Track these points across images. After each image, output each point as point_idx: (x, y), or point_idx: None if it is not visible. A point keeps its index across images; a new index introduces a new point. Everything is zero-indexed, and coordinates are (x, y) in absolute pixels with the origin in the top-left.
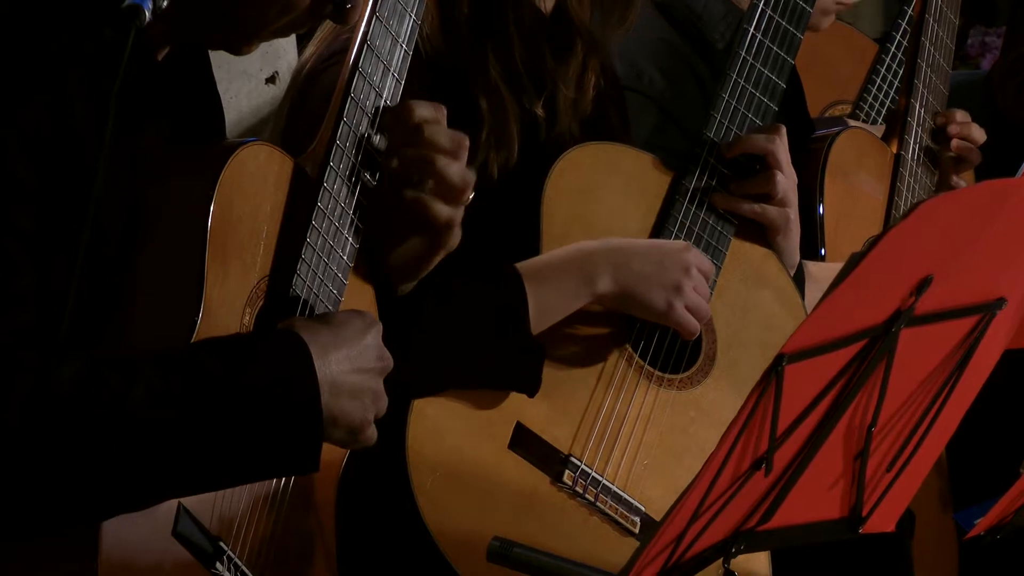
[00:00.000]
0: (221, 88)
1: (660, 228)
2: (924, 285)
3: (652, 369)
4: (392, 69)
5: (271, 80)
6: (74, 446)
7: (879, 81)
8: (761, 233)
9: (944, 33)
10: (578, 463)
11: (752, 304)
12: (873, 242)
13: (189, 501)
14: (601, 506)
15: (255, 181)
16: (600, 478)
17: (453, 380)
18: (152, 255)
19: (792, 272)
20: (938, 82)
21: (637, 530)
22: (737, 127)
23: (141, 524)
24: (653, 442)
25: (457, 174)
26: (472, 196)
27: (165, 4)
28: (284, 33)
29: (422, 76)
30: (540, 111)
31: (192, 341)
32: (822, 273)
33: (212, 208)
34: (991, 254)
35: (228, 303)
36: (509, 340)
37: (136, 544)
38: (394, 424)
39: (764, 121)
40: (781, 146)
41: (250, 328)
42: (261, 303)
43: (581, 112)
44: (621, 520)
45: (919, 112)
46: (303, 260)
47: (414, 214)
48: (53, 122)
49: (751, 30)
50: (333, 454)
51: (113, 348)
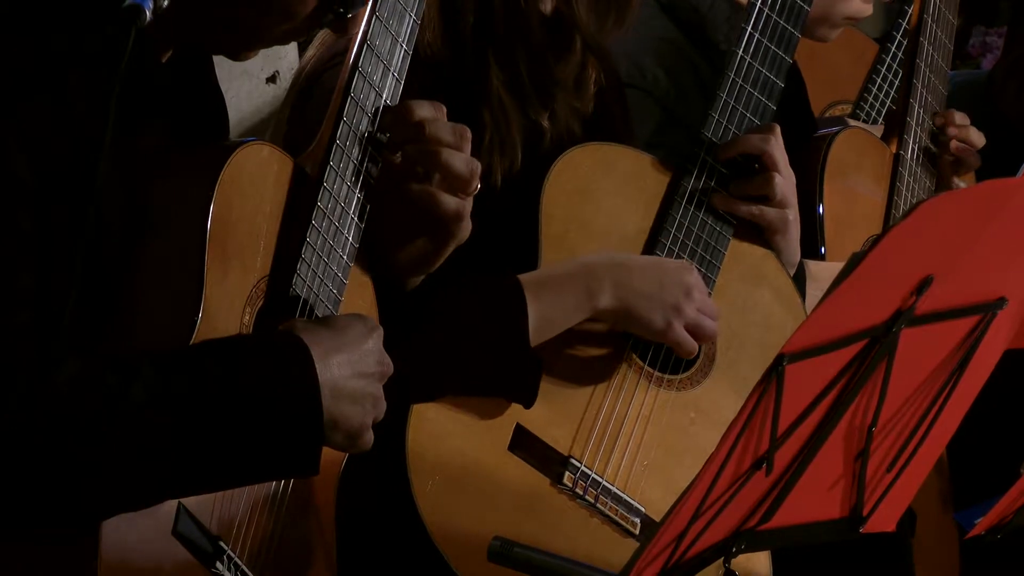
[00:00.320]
0: (222, 88)
1: (658, 229)
2: (925, 285)
3: (652, 370)
4: (392, 69)
5: (272, 80)
6: (71, 445)
7: (879, 81)
8: (760, 233)
9: (943, 33)
10: (578, 464)
11: (751, 304)
12: (873, 242)
13: (189, 501)
14: (601, 507)
15: (255, 181)
16: (600, 479)
17: (451, 388)
18: (152, 254)
19: (792, 271)
20: (937, 82)
21: (637, 531)
22: (736, 127)
23: (141, 524)
24: (653, 443)
25: (462, 163)
26: (479, 187)
27: (166, 3)
28: (283, 40)
29: (424, 82)
30: (545, 122)
31: (191, 340)
32: (823, 272)
33: (212, 208)
34: (992, 254)
35: (228, 303)
36: (508, 351)
37: (136, 543)
38: (394, 426)
39: (763, 121)
40: (777, 146)
41: (250, 328)
42: (261, 303)
43: (582, 111)
44: (621, 521)
45: (918, 112)
46: (303, 260)
47: (421, 209)
48: (53, 121)
49: (749, 29)
50: (333, 455)
51: (113, 347)
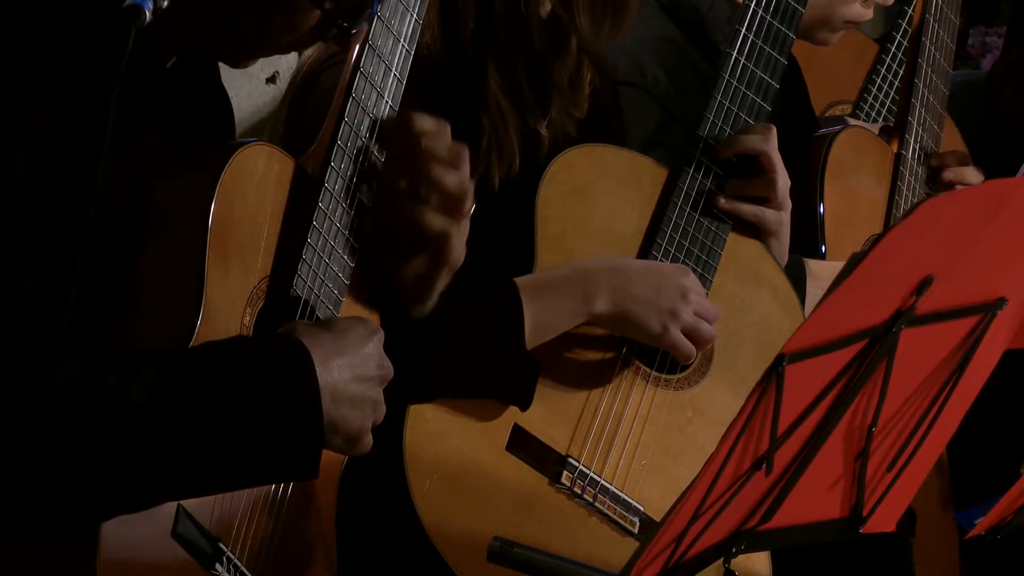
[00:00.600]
0: None
1: (655, 229)
2: (925, 285)
3: (649, 370)
4: (394, 69)
5: (271, 80)
6: (71, 445)
7: (879, 81)
8: (756, 233)
9: (945, 33)
10: (576, 464)
11: (748, 304)
12: (874, 242)
13: (188, 502)
14: (600, 506)
15: (256, 181)
16: (598, 478)
17: (447, 390)
18: (153, 255)
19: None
20: (938, 82)
21: (636, 530)
22: (731, 127)
23: (140, 525)
24: (651, 442)
25: (453, 183)
26: (473, 208)
27: (166, 3)
28: (284, 51)
29: (423, 83)
30: (544, 130)
31: (192, 341)
32: (824, 271)
33: (213, 208)
34: (992, 254)
35: (228, 303)
36: (504, 354)
37: (135, 545)
38: (392, 426)
39: (758, 121)
40: (774, 147)
41: (250, 328)
42: (262, 303)
43: (577, 113)
44: (620, 520)
45: (920, 111)
46: (304, 260)
47: (409, 227)
48: (54, 121)
49: (743, 31)
50: (334, 456)
51: (113, 347)
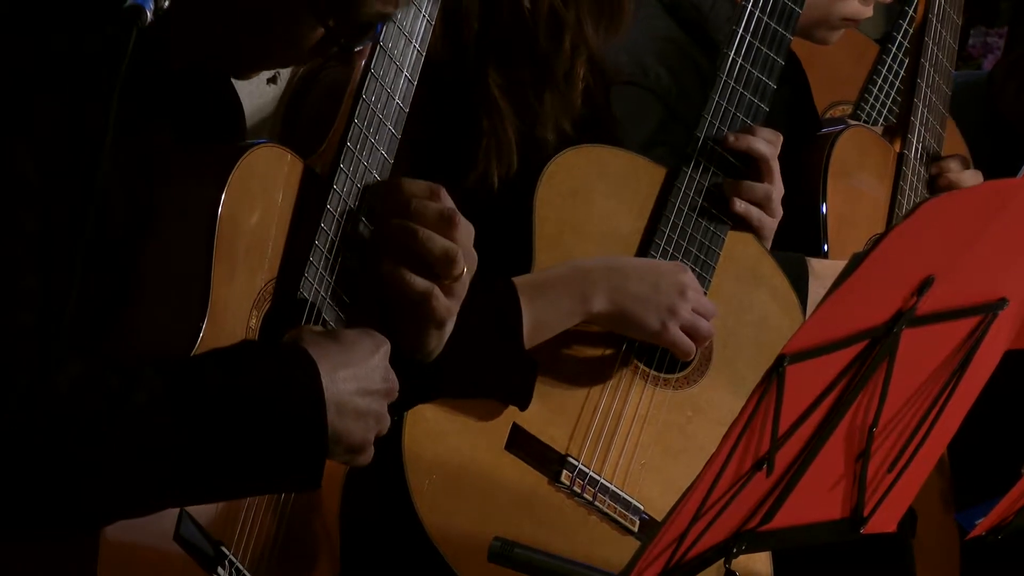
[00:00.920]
0: None
1: (653, 229)
2: (926, 286)
3: (648, 369)
4: (405, 69)
5: (272, 81)
6: (71, 447)
7: (880, 81)
8: (755, 233)
9: (947, 33)
10: (575, 463)
11: (747, 303)
12: (874, 242)
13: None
14: (600, 505)
15: (264, 183)
16: (598, 477)
17: (446, 391)
18: (159, 255)
19: None
20: (941, 82)
21: (636, 529)
22: (729, 128)
23: (143, 527)
24: (650, 441)
25: (438, 247)
26: (464, 271)
27: (167, 4)
28: (286, 64)
29: (423, 84)
30: (545, 132)
31: (197, 342)
32: (826, 270)
33: (220, 209)
34: (993, 254)
35: (234, 305)
36: (502, 353)
37: (137, 547)
38: (391, 426)
39: (755, 122)
40: (776, 155)
41: (256, 331)
42: (268, 305)
43: (572, 112)
44: (620, 519)
45: (922, 111)
46: (311, 262)
47: (394, 285)
48: (57, 122)
49: (739, 31)
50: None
51: (119, 349)
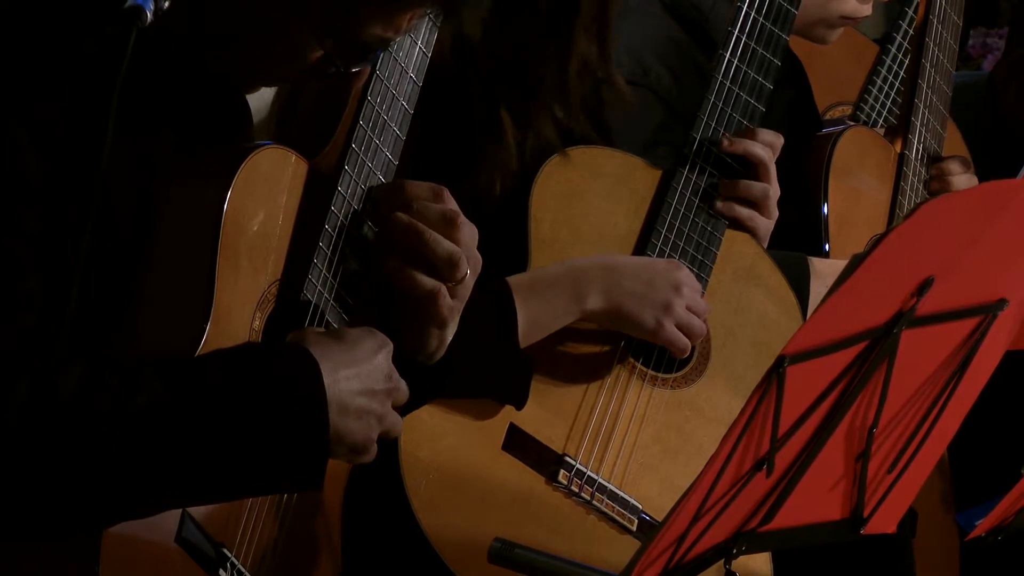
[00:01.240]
0: None
1: (649, 230)
2: (926, 286)
3: (646, 369)
4: (410, 71)
5: None
6: (73, 448)
7: (879, 82)
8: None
9: (947, 33)
10: (573, 463)
11: (745, 303)
12: (874, 243)
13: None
14: (598, 505)
15: (269, 184)
16: (596, 477)
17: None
18: (163, 256)
19: None
20: (941, 82)
21: (635, 528)
22: (725, 129)
23: (144, 529)
24: (648, 441)
25: (443, 249)
26: (468, 274)
27: (167, 5)
28: (283, 83)
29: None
30: (541, 130)
31: (201, 343)
32: (827, 269)
33: (225, 210)
34: (992, 255)
35: (238, 306)
36: (497, 354)
37: (139, 549)
38: None
39: (752, 122)
40: (773, 158)
41: (260, 332)
42: (271, 307)
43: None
44: (618, 518)
45: (923, 112)
46: (315, 264)
47: (397, 284)
48: (60, 122)
49: (735, 32)
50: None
51: (123, 349)
